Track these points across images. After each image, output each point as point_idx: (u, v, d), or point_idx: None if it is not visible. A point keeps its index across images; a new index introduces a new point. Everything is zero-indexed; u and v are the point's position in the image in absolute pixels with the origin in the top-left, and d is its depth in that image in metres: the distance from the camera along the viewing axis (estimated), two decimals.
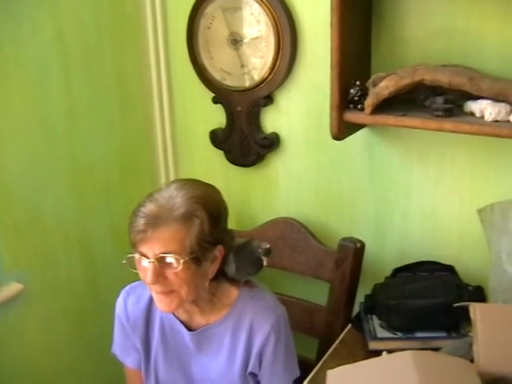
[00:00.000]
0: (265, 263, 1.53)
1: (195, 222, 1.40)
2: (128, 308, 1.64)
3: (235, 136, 2.09)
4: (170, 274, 1.41)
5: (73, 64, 1.94)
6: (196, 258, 1.42)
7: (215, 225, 1.45)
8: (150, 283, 1.42)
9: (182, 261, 1.39)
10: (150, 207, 1.41)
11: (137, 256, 1.43)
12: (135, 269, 1.45)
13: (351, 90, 1.66)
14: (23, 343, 1.94)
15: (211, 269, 1.49)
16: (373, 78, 1.64)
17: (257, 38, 1.94)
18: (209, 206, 1.44)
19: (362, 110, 1.65)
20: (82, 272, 2.10)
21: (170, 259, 1.40)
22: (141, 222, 1.39)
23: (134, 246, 1.43)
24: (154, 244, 1.39)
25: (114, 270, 2.13)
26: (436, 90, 1.62)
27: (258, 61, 1.95)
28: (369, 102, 1.62)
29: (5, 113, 1.78)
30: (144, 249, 1.40)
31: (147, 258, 1.40)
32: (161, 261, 1.40)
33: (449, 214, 1.84)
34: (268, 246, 1.53)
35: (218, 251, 1.49)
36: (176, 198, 1.42)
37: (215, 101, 2.08)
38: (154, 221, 1.38)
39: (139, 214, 1.41)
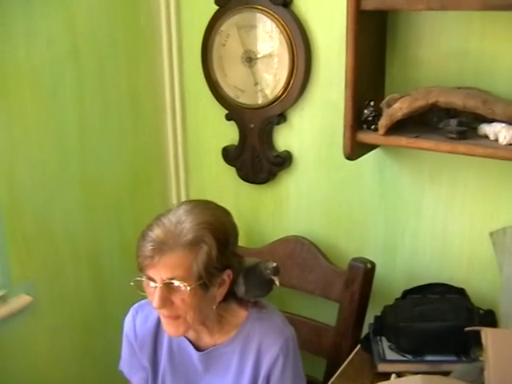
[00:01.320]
0: (277, 283, 1.52)
1: (203, 248, 1.39)
2: (136, 326, 1.63)
3: (247, 153, 2.09)
4: (176, 299, 1.40)
5: (86, 78, 1.95)
6: (203, 284, 1.40)
7: (223, 250, 1.43)
8: (156, 308, 1.42)
9: (188, 287, 1.38)
10: (157, 232, 1.40)
11: (144, 279, 1.42)
12: (143, 291, 1.45)
13: (365, 111, 1.66)
14: (30, 355, 1.93)
15: (219, 292, 1.48)
16: (387, 99, 1.65)
17: (270, 56, 1.95)
18: (217, 232, 1.42)
19: (376, 130, 1.65)
20: (90, 285, 2.10)
21: (177, 284, 1.39)
22: (148, 248, 1.38)
23: (141, 270, 1.42)
24: (160, 269, 1.38)
25: (122, 284, 2.10)
26: (450, 112, 1.62)
27: (272, 79, 1.96)
28: (382, 122, 1.62)
29: (18, 124, 1.79)
30: (151, 273, 1.40)
31: (154, 281, 1.40)
32: (168, 286, 1.39)
33: (460, 236, 1.83)
34: (275, 264, 1.52)
35: (227, 275, 1.47)
36: (184, 223, 1.40)
37: (228, 118, 2.09)
38: (161, 247, 1.37)
39: (147, 238, 1.40)
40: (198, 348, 1.58)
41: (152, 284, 1.40)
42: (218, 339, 1.56)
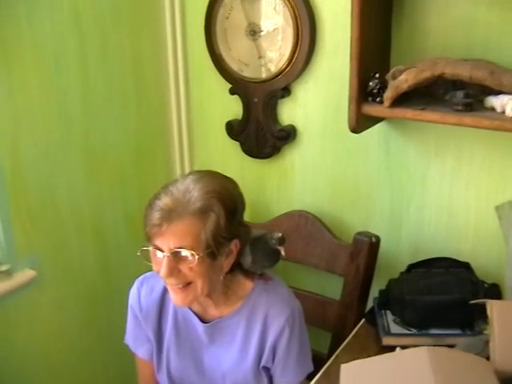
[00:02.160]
0: (282, 253, 1.52)
1: (211, 216, 1.39)
2: (141, 298, 1.63)
3: (251, 127, 2.08)
4: (184, 268, 1.40)
5: (89, 48, 1.94)
6: (211, 253, 1.40)
7: (231, 220, 1.43)
8: (163, 276, 1.41)
9: (196, 256, 1.38)
10: (165, 200, 1.39)
11: (151, 249, 1.42)
12: (149, 261, 1.44)
13: (370, 83, 1.64)
14: (35, 328, 1.95)
15: (226, 263, 1.48)
16: (392, 70, 1.63)
17: (274, 28, 1.92)
18: (225, 200, 1.42)
19: (381, 102, 1.63)
20: (95, 259, 2.11)
21: (184, 253, 1.38)
22: (156, 216, 1.38)
23: (148, 239, 1.42)
24: (169, 238, 1.38)
25: (127, 257, 2.13)
26: (456, 84, 1.60)
27: (276, 52, 1.94)
28: (388, 95, 1.60)
29: (21, 94, 1.77)
30: (159, 242, 1.39)
31: (162, 251, 1.39)
32: (175, 255, 1.39)
33: (465, 209, 1.82)
34: (280, 234, 1.52)
35: (234, 245, 1.47)
36: (192, 192, 1.40)
37: (232, 92, 2.07)
38: (170, 215, 1.37)
39: (154, 207, 1.40)
40: (203, 320, 1.58)
41: (159, 254, 1.40)
42: (223, 311, 1.57)
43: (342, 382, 1.25)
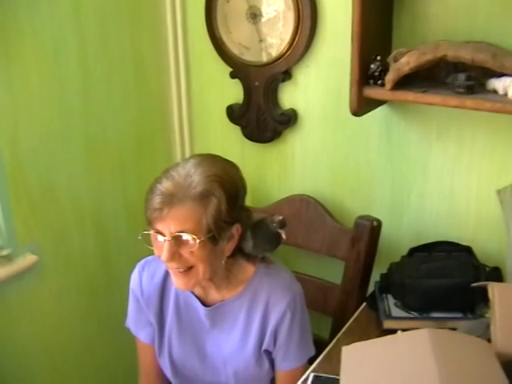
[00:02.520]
0: (283, 236, 1.52)
1: (212, 201, 1.38)
2: (143, 282, 1.63)
3: (252, 112, 2.07)
4: (185, 252, 1.40)
5: (89, 38, 1.93)
6: (212, 237, 1.40)
7: (233, 204, 1.42)
8: (165, 261, 1.41)
9: (198, 240, 1.37)
10: (166, 185, 1.39)
11: (152, 233, 1.42)
12: (150, 245, 1.44)
13: (371, 65, 1.64)
14: (36, 315, 1.95)
15: (228, 247, 1.48)
16: (394, 53, 1.62)
17: (275, 12, 1.91)
18: (227, 184, 1.42)
19: (382, 85, 1.62)
20: (95, 246, 2.11)
21: (185, 238, 1.38)
22: (157, 201, 1.37)
23: (149, 224, 1.41)
24: (169, 222, 1.37)
25: (127, 246, 2.13)
26: (458, 66, 1.59)
27: (277, 35, 1.93)
28: (389, 77, 1.60)
29: (20, 85, 1.77)
30: (160, 226, 1.39)
31: (163, 235, 1.39)
32: (177, 239, 1.39)
33: (467, 194, 1.82)
34: (281, 217, 1.52)
35: (235, 229, 1.47)
36: (193, 176, 1.39)
37: (233, 75, 2.06)
38: (171, 199, 1.36)
39: (155, 191, 1.39)
40: (205, 304, 1.59)
41: (160, 238, 1.40)
42: (225, 295, 1.57)
43: (343, 364, 1.24)
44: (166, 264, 1.45)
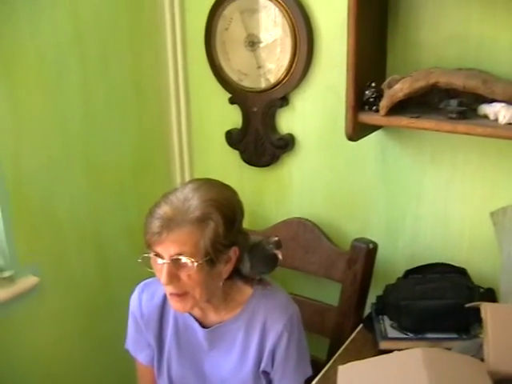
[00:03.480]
0: (279, 256, 1.54)
1: (210, 224, 1.41)
2: (142, 304, 1.65)
3: (250, 136, 2.11)
4: (184, 275, 1.43)
5: (90, 63, 1.97)
6: (210, 260, 1.42)
7: (230, 228, 1.45)
8: (164, 284, 1.44)
9: (195, 263, 1.40)
10: (165, 209, 1.42)
11: (152, 256, 1.44)
12: (150, 268, 1.47)
13: (366, 92, 1.68)
14: (36, 335, 1.96)
15: (225, 269, 1.50)
16: (388, 80, 1.66)
17: (273, 39, 1.96)
18: (224, 209, 1.44)
19: (377, 111, 1.66)
20: (95, 269, 2.13)
21: (184, 260, 1.41)
22: (156, 224, 1.40)
23: (149, 247, 1.44)
24: (168, 245, 1.40)
25: (127, 268, 2.14)
26: (450, 93, 1.63)
27: (275, 62, 1.98)
28: (383, 103, 1.64)
29: (23, 109, 1.81)
30: (159, 249, 1.42)
31: (162, 258, 1.42)
32: (175, 262, 1.41)
33: (460, 216, 1.85)
34: (276, 238, 1.55)
35: (233, 252, 1.49)
36: (191, 200, 1.42)
37: (231, 101, 2.11)
38: (169, 223, 1.39)
39: (154, 215, 1.42)
40: (203, 325, 1.60)
41: (159, 260, 1.43)
42: (223, 316, 1.59)
43: (339, 383, 1.27)
44: (165, 287, 1.47)
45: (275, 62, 1.98)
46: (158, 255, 1.43)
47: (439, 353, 1.29)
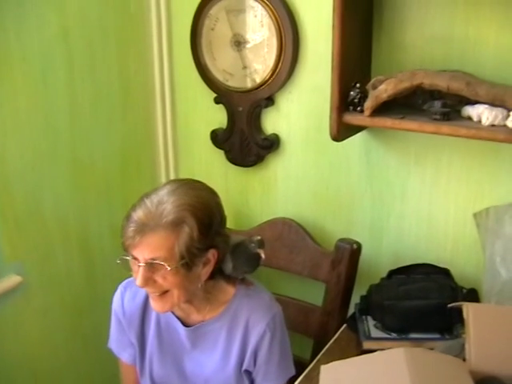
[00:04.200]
0: (262, 255, 1.54)
1: (184, 229, 1.41)
2: (124, 303, 1.65)
3: (236, 136, 2.11)
4: (159, 278, 1.43)
5: (77, 61, 1.96)
6: (186, 264, 1.42)
7: (206, 232, 1.44)
8: (139, 286, 1.44)
9: (169, 267, 1.40)
10: (139, 214, 1.41)
11: (129, 258, 1.45)
12: (129, 269, 1.47)
13: (351, 92, 1.69)
14: (20, 335, 1.95)
15: (204, 271, 1.50)
16: (372, 80, 1.67)
17: (259, 40, 1.97)
18: (199, 213, 1.43)
19: (362, 112, 1.67)
20: (80, 267, 2.12)
21: (158, 264, 1.41)
22: (130, 229, 1.41)
23: (125, 250, 1.45)
24: (142, 249, 1.40)
25: (112, 266, 2.08)
26: (434, 94, 1.64)
27: (260, 62, 1.98)
28: (368, 104, 1.64)
29: (8, 107, 1.79)
30: (134, 253, 1.42)
31: (138, 261, 1.42)
32: (150, 265, 1.41)
33: (444, 217, 1.86)
34: (259, 237, 1.55)
35: (211, 254, 1.49)
36: (165, 204, 1.42)
37: (217, 101, 2.11)
38: (142, 228, 1.39)
39: (130, 219, 1.42)
40: (186, 324, 1.60)
41: (135, 263, 1.43)
42: (206, 315, 1.59)
43: (321, 382, 1.27)
44: (142, 288, 1.48)
45: (261, 63, 1.98)
46: (134, 258, 1.43)
47: (422, 352, 1.30)
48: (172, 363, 1.64)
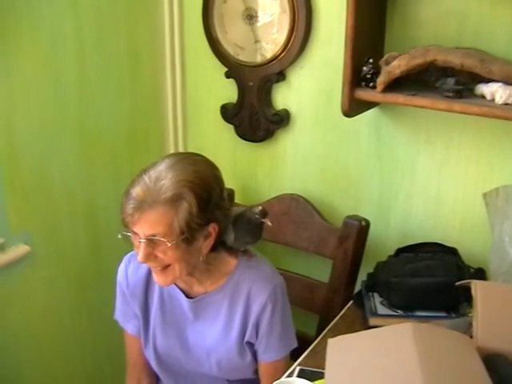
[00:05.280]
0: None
1: (183, 204, 1.40)
2: (128, 275, 1.66)
3: (246, 111, 2.10)
4: (159, 253, 1.43)
5: (86, 31, 1.95)
6: (186, 239, 1.42)
7: (205, 206, 1.44)
8: (140, 261, 1.44)
9: (170, 243, 1.40)
10: (137, 190, 1.41)
11: (130, 234, 1.45)
12: (131, 243, 1.48)
13: (364, 68, 1.68)
14: (26, 304, 1.96)
15: (205, 245, 1.49)
16: (386, 56, 1.66)
17: (271, 14, 1.95)
18: (197, 189, 1.42)
19: (374, 87, 1.66)
20: (86, 238, 2.13)
21: (158, 240, 1.41)
22: (129, 206, 1.41)
23: (125, 226, 1.45)
24: (142, 226, 1.40)
25: (117, 239, 2.12)
26: (447, 71, 1.63)
27: (272, 37, 1.97)
28: (381, 80, 1.63)
29: (17, 77, 1.79)
30: (135, 229, 1.42)
31: (139, 236, 1.42)
32: (150, 241, 1.41)
33: (453, 196, 1.86)
34: (261, 207, 1.54)
35: (212, 228, 1.48)
36: (164, 180, 1.41)
37: (227, 75, 2.09)
38: (141, 205, 1.39)
39: (128, 196, 1.42)
40: (188, 296, 1.61)
41: (136, 239, 1.43)
42: (208, 287, 1.60)
43: (328, 355, 1.28)
44: (143, 263, 1.49)
45: (273, 37, 1.97)
46: (135, 233, 1.43)
47: (429, 328, 1.30)
48: (175, 334, 1.65)
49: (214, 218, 1.48)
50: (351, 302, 1.83)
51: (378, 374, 1.17)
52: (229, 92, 2.13)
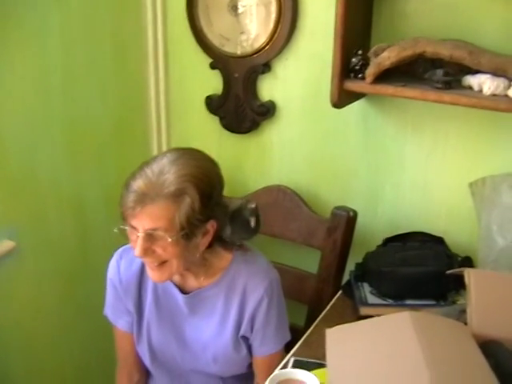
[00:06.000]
0: (252, 224, 1.54)
1: (186, 199, 1.39)
2: (121, 271, 1.64)
3: (231, 102, 2.09)
4: (158, 248, 1.42)
5: (70, 23, 1.92)
6: (186, 235, 1.42)
7: (206, 202, 1.43)
8: (138, 256, 1.43)
9: (170, 238, 1.39)
10: (139, 183, 1.40)
11: (128, 228, 1.43)
12: (126, 238, 1.46)
13: (353, 59, 1.68)
14: (13, 301, 1.93)
15: (203, 242, 1.49)
16: (374, 48, 1.67)
17: (257, 5, 1.94)
18: (201, 184, 1.42)
19: (363, 79, 1.67)
20: (74, 233, 2.10)
21: (158, 235, 1.40)
22: (130, 199, 1.39)
23: (124, 219, 1.43)
24: (142, 219, 1.39)
25: (105, 232, 2.11)
26: (436, 63, 1.64)
27: (258, 28, 1.96)
28: (370, 71, 1.64)
29: (3, 67, 1.75)
30: (134, 223, 1.41)
31: (137, 231, 1.41)
32: (150, 235, 1.40)
33: (440, 186, 1.88)
34: (253, 205, 1.55)
35: (210, 225, 1.48)
36: (167, 174, 1.40)
37: (212, 66, 2.08)
38: (143, 198, 1.38)
39: (129, 188, 1.40)
40: (183, 291, 1.61)
41: (134, 233, 1.42)
42: (203, 282, 1.59)
43: (328, 346, 1.28)
44: (140, 258, 1.47)
45: (258, 28, 1.96)
46: (133, 227, 1.42)
47: (426, 316, 1.32)
48: (170, 329, 1.64)
49: (213, 215, 1.47)
50: (340, 291, 1.84)
51: (381, 362, 1.18)
52: (214, 83, 2.12)
